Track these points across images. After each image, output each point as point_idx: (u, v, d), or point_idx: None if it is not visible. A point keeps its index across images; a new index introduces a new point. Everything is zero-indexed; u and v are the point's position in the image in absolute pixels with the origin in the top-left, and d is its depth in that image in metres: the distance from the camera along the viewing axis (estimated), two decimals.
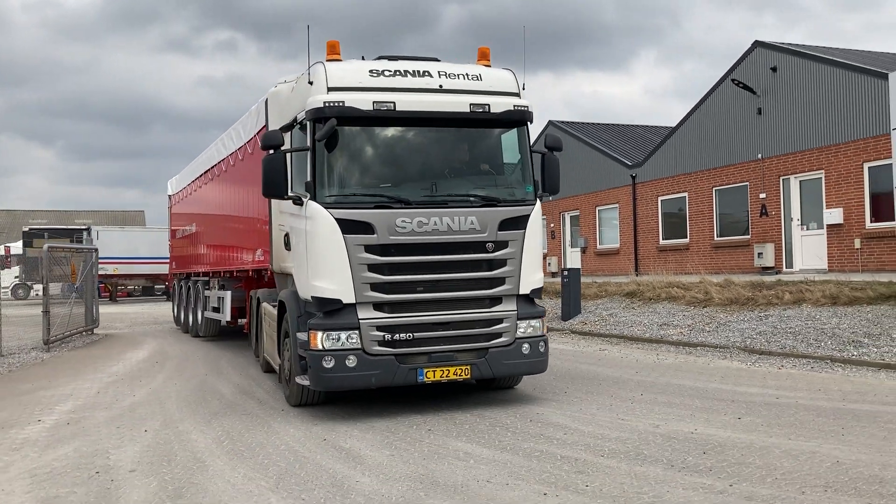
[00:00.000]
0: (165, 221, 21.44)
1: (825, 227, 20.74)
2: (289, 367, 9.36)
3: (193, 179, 17.61)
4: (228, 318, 14.48)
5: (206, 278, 16.68)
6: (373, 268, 8.23)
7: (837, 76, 20.84)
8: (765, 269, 21.60)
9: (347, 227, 8.14)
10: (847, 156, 20.08)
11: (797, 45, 23.63)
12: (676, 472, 6.11)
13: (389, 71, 8.32)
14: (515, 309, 8.84)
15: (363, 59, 9.00)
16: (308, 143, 8.36)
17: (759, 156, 22.95)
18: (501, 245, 8.60)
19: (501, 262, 8.63)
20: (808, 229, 21.75)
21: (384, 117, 8.29)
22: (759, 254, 21.99)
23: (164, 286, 39.83)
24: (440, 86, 8.44)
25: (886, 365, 10.61)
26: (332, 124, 8.04)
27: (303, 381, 8.64)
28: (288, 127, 9.32)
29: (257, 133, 11.43)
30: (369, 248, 8.19)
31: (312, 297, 8.36)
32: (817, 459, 6.39)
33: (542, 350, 9.04)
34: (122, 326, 22.66)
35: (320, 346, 8.13)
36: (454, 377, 8.57)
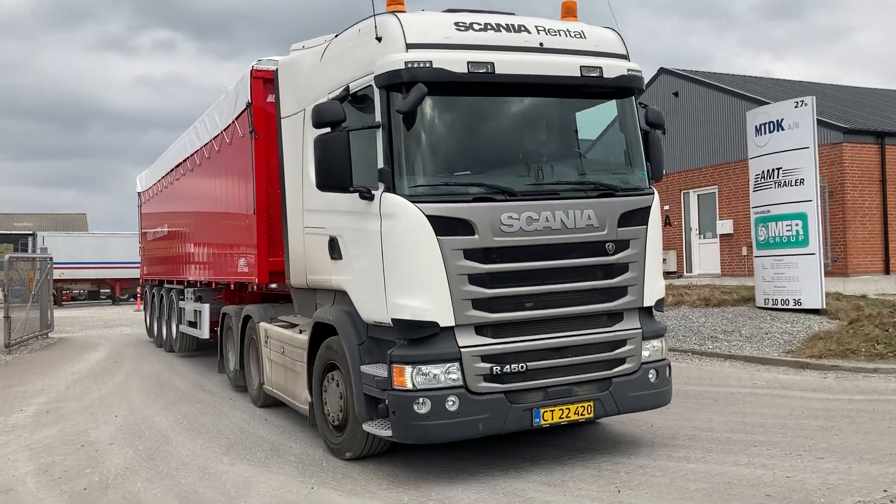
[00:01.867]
0: (108, 224, 22.61)
1: (718, 236, 22.44)
2: (339, 410, 6.79)
3: (164, 174, 15.32)
4: (207, 335, 12.08)
5: (181, 287, 14.22)
6: (474, 279, 5.91)
7: (729, 102, 22.39)
8: (668, 274, 22.39)
9: (441, 226, 5.84)
10: (736, 173, 21.48)
11: (697, 72, 24.88)
12: None
13: (479, 24, 6.23)
14: (640, 326, 6.63)
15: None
16: (378, 119, 6.04)
17: (664, 171, 25.30)
18: (622, 245, 6.46)
19: (623, 268, 6.47)
20: (704, 238, 23.37)
21: (481, 82, 6.10)
22: (664, 260, 22.91)
23: (108, 291, 41.18)
24: (540, 44, 6.40)
25: (731, 356, 12.26)
26: (420, 91, 5.82)
27: (379, 429, 6.09)
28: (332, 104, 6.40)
29: (237, 118, 9.67)
30: (469, 254, 5.89)
31: (395, 319, 5.92)
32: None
33: (667, 377, 6.86)
34: (74, 330, 23.03)
35: (410, 385, 5.78)
36: (575, 417, 6.29)
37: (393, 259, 6.00)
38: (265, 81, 8.94)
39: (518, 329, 6.15)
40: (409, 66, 5.93)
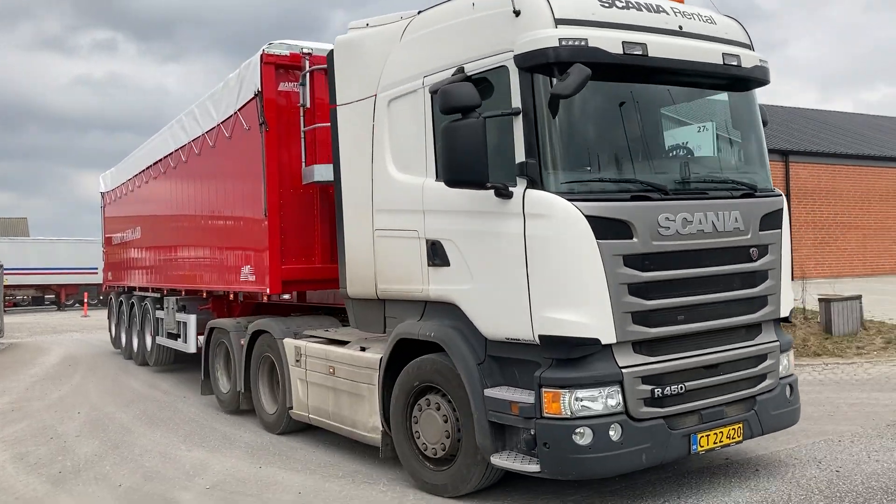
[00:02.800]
0: (49, 228, 21.46)
1: None
2: (440, 440, 5.86)
3: (138, 173, 13.97)
4: (193, 349, 10.89)
5: (158, 295, 12.88)
6: (633, 289, 5.17)
7: None
8: None
9: (600, 228, 5.06)
10: None
11: None
12: None
13: (622, 1, 5.48)
14: (777, 339, 6.02)
15: None
16: (516, 104, 5.18)
17: None
18: (763, 251, 5.83)
19: (764, 275, 5.84)
20: None
21: (633, 65, 5.30)
22: None
23: (53, 297, 41.04)
24: (679, 27, 5.69)
25: None
26: (584, 74, 4.95)
27: (516, 464, 5.25)
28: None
29: (240, 109, 8.72)
30: (628, 260, 5.15)
31: (545, 336, 5.10)
32: None
33: (797, 393, 6.23)
34: (24, 335, 22.83)
35: (566, 413, 5.02)
36: (728, 441, 5.66)
37: (542, 266, 5.12)
38: (277, 68, 8.08)
39: (671, 345, 5.39)
40: (564, 44, 5.06)
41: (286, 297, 8.41)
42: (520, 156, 5.15)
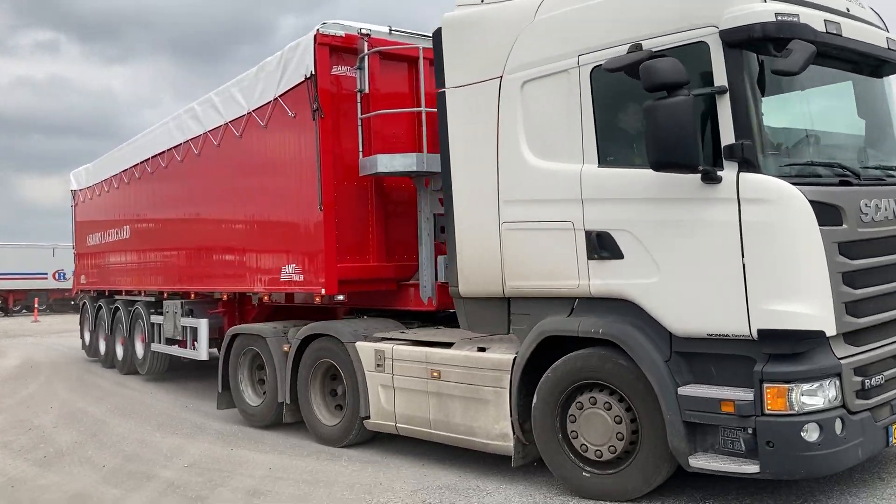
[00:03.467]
0: None
1: None
2: (607, 442, 5.44)
3: (126, 169, 12.92)
4: (205, 356, 10.28)
5: (152, 299, 12.17)
6: (846, 278, 4.96)
7: None
8: None
9: (819, 213, 4.82)
10: None
11: None
12: None
13: None
14: None
15: None
16: (721, 82, 4.84)
17: None
18: None
19: None
20: None
21: (831, 45, 5.07)
22: None
23: (0, 302, 39.22)
24: (847, 9, 5.44)
25: None
26: (809, 51, 4.67)
27: (724, 465, 4.95)
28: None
29: (282, 95, 8.03)
30: (842, 248, 4.95)
31: (767, 330, 4.80)
32: None
33: None
34: None
35: (792, 409, 4.76)
36: None
37: (763, 255, 4.79)
38: (332, 50, 7.44)
39: (870, 335, 5.22)
40: (781, 19, 4.76)
41: (340, 297, 7.66)
42: (727, 137, 4.78)
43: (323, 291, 7.47)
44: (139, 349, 12.72)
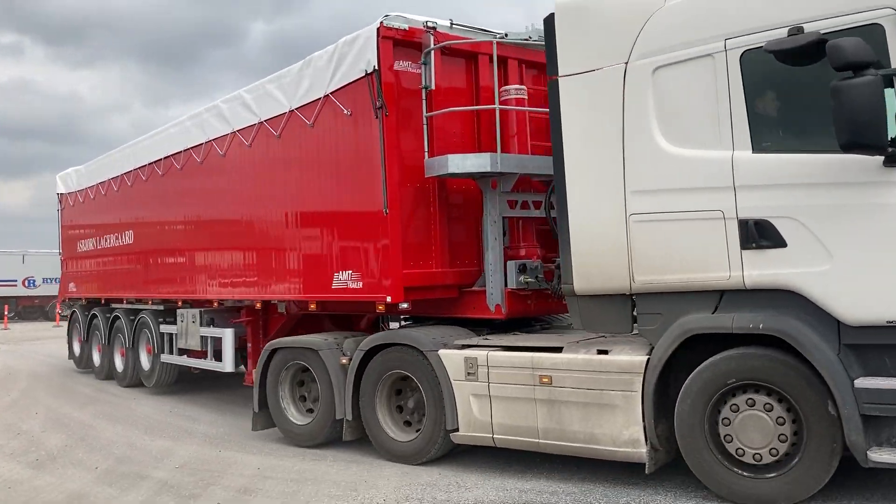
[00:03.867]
0: None
1: None
2: (767, 443, 5.23)
3: (130, 170, 12.20)
4: (231, 368, 9.75)
5: (160, 307, 11.67)
6: None
7: None
8: None
9: None
10: None
11: None
12: None
13: None
14: None
15: None
16: None
17: None
18: None
19: None
20: None
21: None
22: None
23: None
24: None
25: None
26: None
27: None
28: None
29: (334, 91, 7.58)
30: None
31: None
32: None
33: None
34: None
35: None
36: None
37: None
38: (395, 44, 7.04)
39: None
40: None
41: (404, 305, 7.15)
42: None
43: (389, 300, 6.99)
44: (145, 360, 12.10)
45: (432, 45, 6.99)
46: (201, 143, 10.05)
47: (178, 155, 10.69)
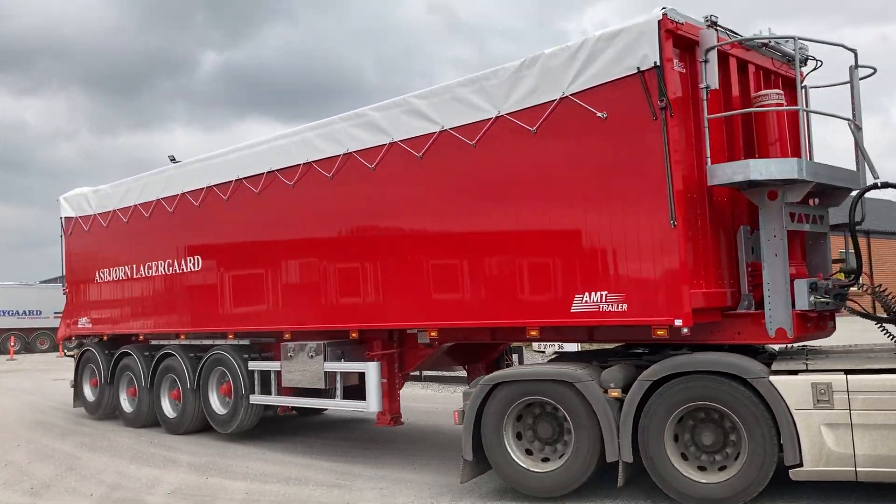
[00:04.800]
0: None
1: None
2: None
3: (204, 187, 10.72)
4: (377, 407, 8.69)
5: (247, 342, 10.34)
6: None
7: None
8: None
9: None
10: None
11: None
12: None
13: None
14: None
15: None
16: None
17: None
18: None
19: None
20: None
21: None
22: None
23: None
24: None
25: None
26: None
27: None
28: None
29: (580, 92, 6.77)
30: None
31: None
32: None
33: None
34: None
35: None
36: None
37: None
38: (675, 40, 6.40)
39: None
40: None
41: (685, 331, 6.28)
42: None
43: (678, 323, 6.16)
44: (218, 403, 10.71)
45: (715, 42, 6.43)
46: (333, 156, 8.95)
47: (289, 170, 9.49)
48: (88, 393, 13.30)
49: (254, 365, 10.06)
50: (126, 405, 12.37)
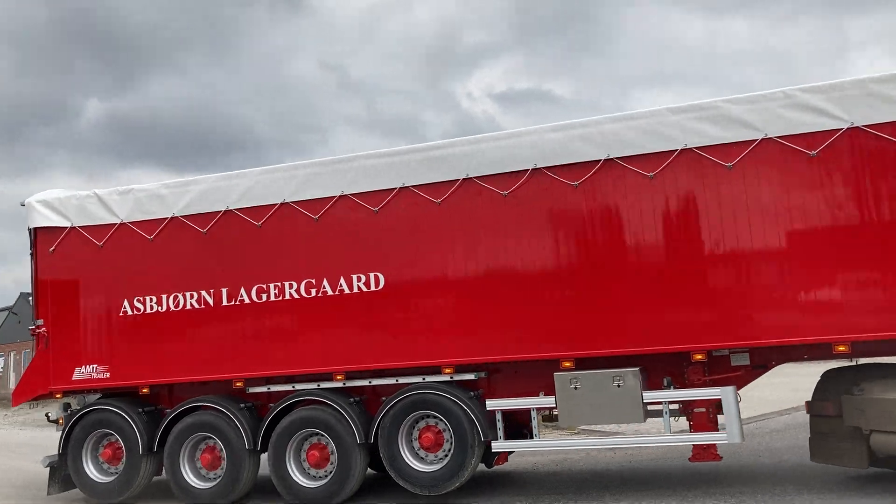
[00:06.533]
0: None
1: None
2: None
3: (320, 198, 8.83)
4: (739, 438, 7.49)
5: (466, 377, 8.30)
6: None
7: None
8: None
9: None
10: None
11: None
12: None
13: None
14: None
15: None
16: None
17: None
18: None
19: None
20: None
21: None
22: None
23: None
24: None
25: None
26: None
27: None
28: None
29: None
30: None
31: None
32: None
33: None
34: None
35: None
36: None
37: None
38: None
39: None
40: None
41: None
42: None
43: None
44: (412, 458, 8.46)
45: None
46: (525, 169, 8.21)
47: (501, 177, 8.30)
48: (96, 471, 9.62)
49: (493, 404, 8.12)
50: (191, 478, 9.16)
